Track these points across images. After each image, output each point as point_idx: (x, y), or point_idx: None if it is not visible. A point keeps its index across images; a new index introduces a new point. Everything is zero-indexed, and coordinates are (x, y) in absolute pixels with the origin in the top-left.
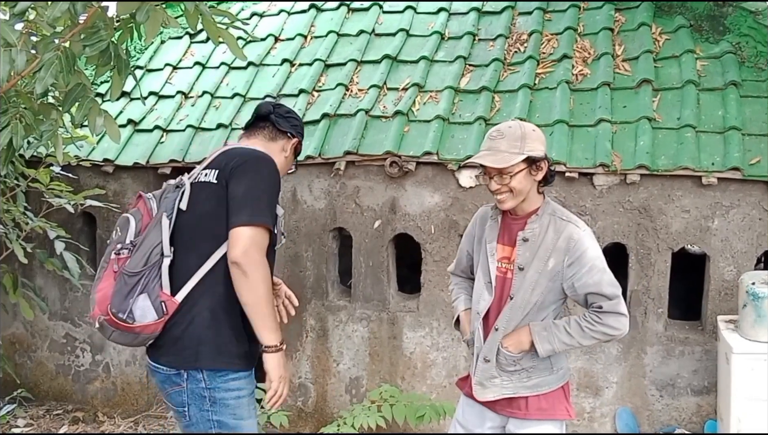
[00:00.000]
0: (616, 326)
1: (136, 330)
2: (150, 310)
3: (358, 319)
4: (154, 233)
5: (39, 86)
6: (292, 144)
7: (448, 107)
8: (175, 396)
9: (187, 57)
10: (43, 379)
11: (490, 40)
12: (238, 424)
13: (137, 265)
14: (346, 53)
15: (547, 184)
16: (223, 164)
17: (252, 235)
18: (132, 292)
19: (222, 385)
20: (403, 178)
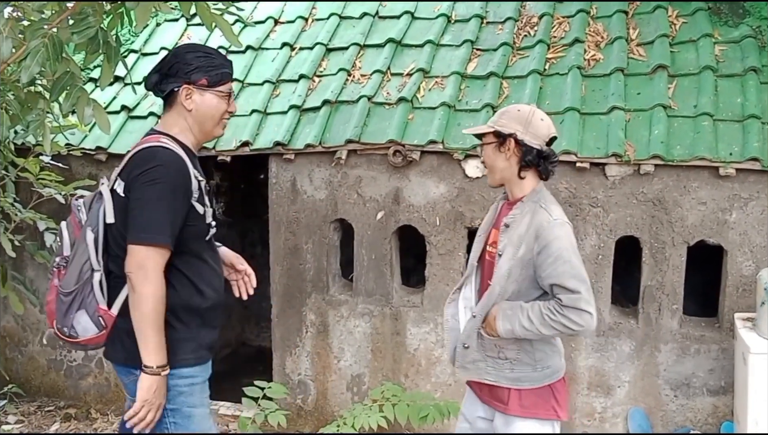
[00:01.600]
0: (577, 322)
1: (81, 343)
2: (90, 324)
3: (359, 314)
4: (81, 249)
5: (25, 75)
6: (184, 91)
7: (455, 94)
8: (131, 386)
9: (184, 40)
10: (35, 374)
11: (498, 23)
12: (191, 412)
13: (70, 284)
14: (348, 37)
15: (543, 175)
16: (127, 175)
17: (144, 253)
18: (70, 309)
19: (176, 373)
20: (407, 167)
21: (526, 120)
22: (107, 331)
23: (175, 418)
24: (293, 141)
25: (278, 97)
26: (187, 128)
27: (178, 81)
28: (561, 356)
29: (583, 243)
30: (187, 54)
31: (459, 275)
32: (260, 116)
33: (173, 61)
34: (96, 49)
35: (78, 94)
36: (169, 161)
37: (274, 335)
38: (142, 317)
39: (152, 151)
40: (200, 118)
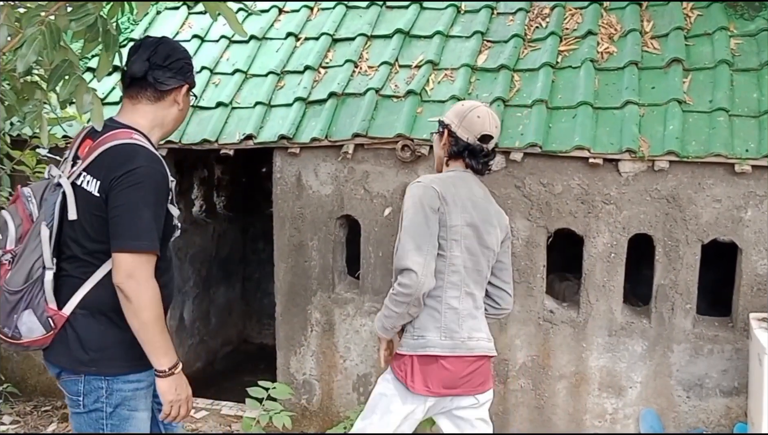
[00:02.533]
0: (401, 281)
1: (24, 344)
2: (37, 325)
3: (366, 312)
4: (34, 245)
5: (21, 64)
6: (183, 91)
7: (465, 87)
8: (71, 384)
9: (185, 29)
10: (31, 373)
11: (509, 14)
12: (130, 414)
13: (18, 283)
14: (355, 27)
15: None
16: (103, 172)
17: (134, 261)
18: (15, 308)
19: (121, 378)
20: (415, 162)
21: (462, 114)
22: (54, 333)
23: (112, 419)
24: (298, 134)
25: (283, 88)
26: (159, 124)
27: (180, 79)
28: (445, 334)
29: (596, 241)
30: (185, 51)
31: None
32: (264, 109)
33: (176, 57)
34: (95, 38)
35: (76, 82)
36: (151, 162)
37: (278, 334)
38: (143, 326)
39: (132, 149)
40: (180, 118)
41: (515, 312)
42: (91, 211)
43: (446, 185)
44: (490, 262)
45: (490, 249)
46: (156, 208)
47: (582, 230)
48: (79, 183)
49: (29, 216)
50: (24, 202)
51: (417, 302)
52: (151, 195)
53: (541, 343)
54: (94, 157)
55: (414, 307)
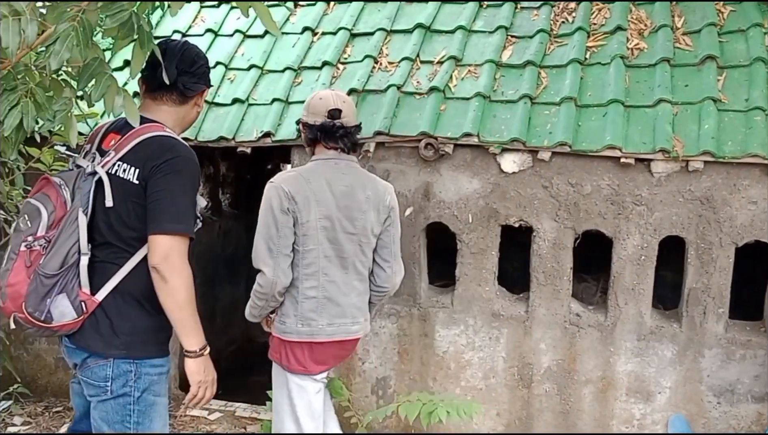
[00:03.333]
0: (258, 281)
1: (54, 328)
2: (69, 309)
3: (386, 314)
4: (70, 231)
5: (54, 61)
6: (203, 93)
7: (489, 83)
8: (98, 370)
9: (198, 23)
10: (42, 373)
11: (533, 8)
12: (155, 400)
13: (54, 267)
14: (373, 21)
15: (330, 146)
16: (143, 162)
17: (172, 243)
18: (50, 293)
19: (148, 362)
20: (438, 161)
21: (307, 103)
22: (84, 318)
23: (139, 405)
24: None
25: (300, 85)
26: (179, 124)
27: (202, 83)
28: (301, 322)
29: (626, 243)
30: (205, 56)
31: (492, 275)
32: (282, 105)
33: (200, 63)
34: (128, 35)
35: (108, 82)
36: (188, 153)
37: None
38: (178, 307)
39: (170, 140)
40: (195, 117)
41: (540, 315)
42: (128, 198)
43: (299, 182)
44: (363, 245)
45: (359, 234)
46: (192, 195)
47: (611, 232)
48: (114, 172)
49: (63, 203)
50: (57, 189)
51: (273, 298)
52: (188, 182)
53: (567, 347)
54: (131, 148)
55: (272, 301)
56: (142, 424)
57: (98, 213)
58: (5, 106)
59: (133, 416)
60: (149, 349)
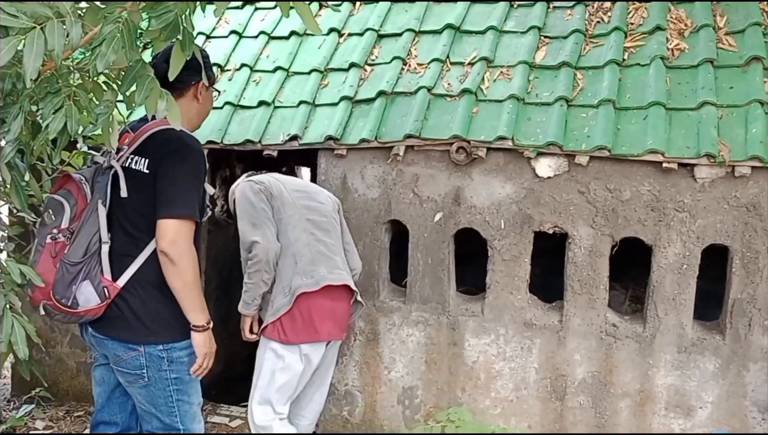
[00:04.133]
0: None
1: (80, 313)
2: (93, 295)
3: (413, 322)
4: (91, 221)
5: (100, 63)
6: (201, 86)
7: (523, 85)
8: (132, 361)
9: (222, 25)
10: (63, 377)
11: (567, 8)
12: (192, 379)
13: (78, 255)
14: (401, 22)
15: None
16: (152, 152)
17: (178, 227)
18: (75, 280)
19: (176, 346)
20: (469, 165)
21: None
22: (107, 303)
23: (177, 385)
24: (346, 135)
25: (327, 87)
26: (185, 119)
27: (196, 75)
28: (303, 276)
29: (666, 251)
30: (201, 51)
31: (524, 283)
32: (308, 108)
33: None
34: (171, 36)
35: (151, 85)
36: (193, 143)
37: None
38: (186, 287)
39: (176, 132)
40: (202, 111)
41: (575, 325)
42: (141, 188)
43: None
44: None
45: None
46: (197, 183)
47: (651, 239)
48: (127, 165)
49: (84, 196)
50: (78, 184)
51: (267, 267)
52: (193, 171)
53: (603, 358)
54: (142, 141)
55: (266, 272)
56: (182, 400)
57: (115, 204)
58: (49, 109)
59: (174, 395)
60: (175, 332)
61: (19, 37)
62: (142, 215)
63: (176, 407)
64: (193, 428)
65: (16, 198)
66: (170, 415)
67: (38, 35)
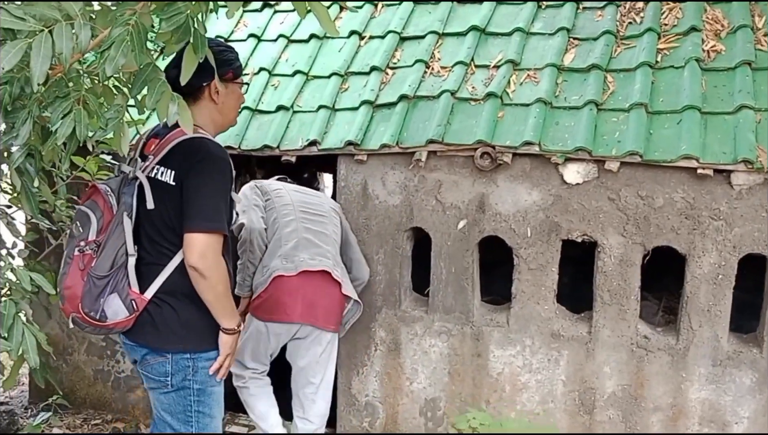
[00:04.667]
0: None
1: (109, 326)
2: (121, 308)
3: (436, 332)
4: (117, 234)
5: (109, 67)
6: (214, 86)
7: (551, 88)
8: (158, 366)
9: (240, 28)
10: (80, 384)
11: (597, 8)
12: (213, 390)
13: (104, 268)
14: (424, 24)
15: None
16: (178, 163)
17: (206, 241)
18: (102, 293)
19: (203, 356)
20: (494, 171)
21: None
22: (136, 315)
23: (199, 396)
24: (366, 140)
25: (347, 91)
26: (209, 121)
27: (206, 77)
28: (285, 259)
29: (701, 260)
30: (212, 48)
31: (551, 293)
32: (328, 112)
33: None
34: (182, 39)
35: (162, 88)
36: (219, 152)
37: (339, 352)
38: (218, 298)
39: (201, 141)
40: (226, 110)
41: (605, 337)
42: (167, 199)
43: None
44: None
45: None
46: (224, 194)
47: (685, 248)
48: (153, 175)
49: (110, 208)
50: (104, 196)
51: (251, 247)
52: (219, 181)
53: (634, 371)
54: (167, 152)
55: (250, 253)
56: (203, 412)
57: (142, 215)
58: (58, 114)
59: (193, 406)
60: (204, 343)
61: (26, 40)
62: (169, 227)
63: (194, 418)
64: None
65: (27, 204)
66: (186, 424)
67: (46, 38)
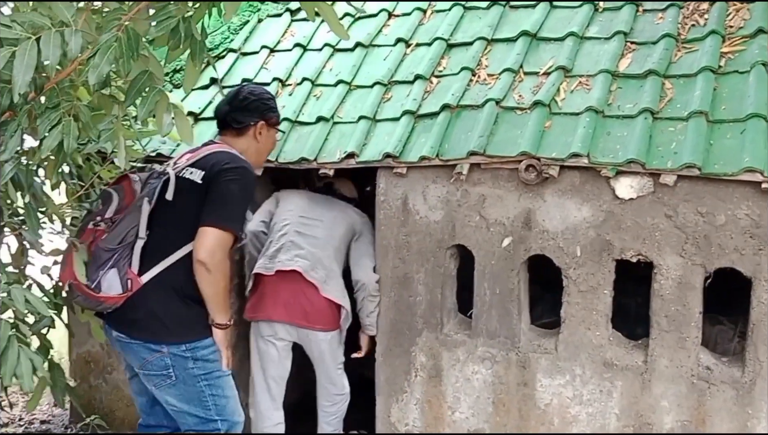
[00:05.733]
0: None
1: (100, 299)
2: (116, 283)
3: (479, 358)
4: (133, 215)
5: (93, 75)
6: (260, 126)
7: (603, 96)
8: (157, 362)
9: (287, 37)
10: (119, 404)
11: (658, 11)
12: (221, 374)
13: (112, 242)
14: (473, 30)
15: None
16: (208, 167)
17: (218, 236)
18: (103, 265)
19: (199, 345)
20: (541, 185)
21: None
22: (127, 295)
23: (207, 380)
24: (406, 152)
25: (390, 101)
26: (247, 155)
27: (255, 117)
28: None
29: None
30: (263, 94)
31: (604, 318)
32: (368, 123)
33: (251, 99)
34: (178, 44)
35: (156, 98)
36: (247, 165)
37: (378, 377)
38: (218, 292)
39: (234, 155)
40: (262, 150)
41: (662, 367)
42: (189, 196)
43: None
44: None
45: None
46: (244, 202)
47: (750, 271)
48: (181, 174)
49: (133, 193)
50: (132, 182)
51: (249, 241)
52: (244, 192)
53: (695, 406)
54: (201, 157)
55: (251, 245)
56: (216, 395)
57: (160, 206)
58: (45, 125)
59: (206, 390)
60: (196, 332)
61: (11, 48)
62: (184, 221)
63: (210, 401)
64: (234, 420)
65: (28, 220)
66: (205, 409)
67: (31, 46)
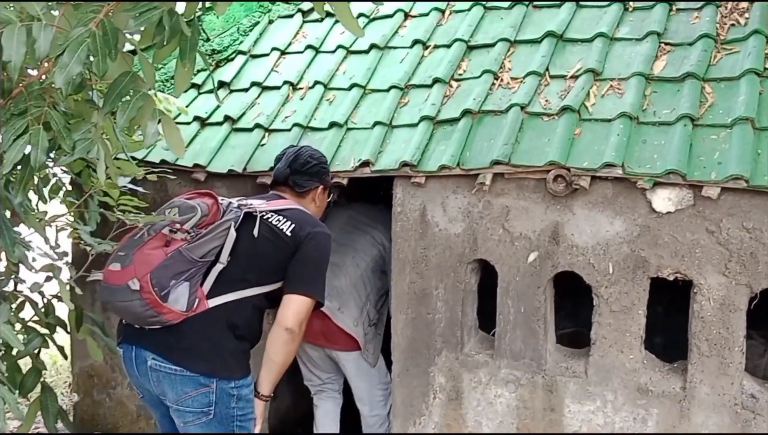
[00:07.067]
0: None
1: (163, 312)
2: (184, 299)
3: (503, 380)
4: (220, 235)
5: (60, 77)
6: (320, 191)
7: (637, 101)
8: (201, 398)
9: (298, 39)
10: (123, 421)
11: (693, 10)
12: (252, 418)
13: (198, 254)
14: (495, 31)
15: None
16: (298, 222)
17: (308, 304)
18: (179, 275)
19: (244, 383)
20: (570, 197)
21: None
22: (185, 316)
23: (242, 422)
24: (424, 161)
25: (407, 106)
26: None
27: (315, 181)
28: None
29: None
30: (321, 158)
31: (638, 340)
32: (384, 129)
33: (312, 163)
34: (164, 42)
35: (139, 103)
36: (329, 235)
37: (394, 399)
38: (285, 362)
39: (316, 220)
40: (317, 212)
41: (702, 394)
42: (276, 242)
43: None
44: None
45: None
46: (326, 266)
47: None
48: (266, 218)
49: (217, 213)
50: (219, 204)
51: None
52: (326, 256)
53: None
54: (284, 208)
55: None
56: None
57: (243, 238)
58: (9, 135)
59: (236, 432)
60: (243, 369)
61: None
62: (263, 261)
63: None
64: None
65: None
66: None
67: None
